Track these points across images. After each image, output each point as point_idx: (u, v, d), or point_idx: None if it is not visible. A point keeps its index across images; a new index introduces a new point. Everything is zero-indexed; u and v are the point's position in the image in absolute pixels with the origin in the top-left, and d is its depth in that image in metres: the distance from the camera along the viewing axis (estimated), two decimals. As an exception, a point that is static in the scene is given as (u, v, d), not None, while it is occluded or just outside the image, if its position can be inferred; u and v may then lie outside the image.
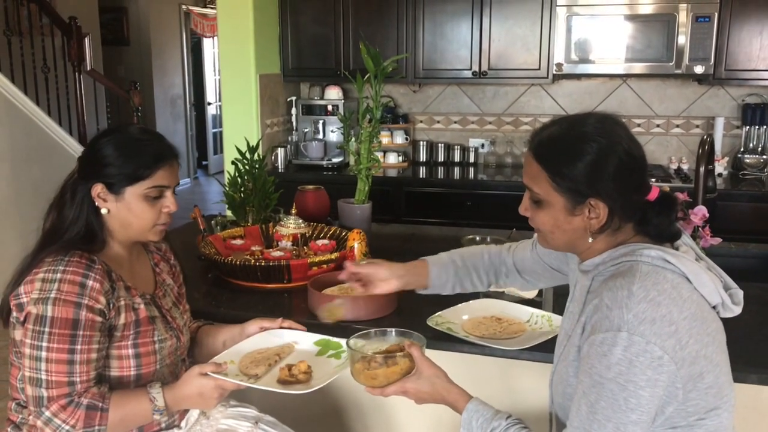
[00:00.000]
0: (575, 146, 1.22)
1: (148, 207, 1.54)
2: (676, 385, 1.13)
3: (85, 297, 1.42)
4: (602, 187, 1.20)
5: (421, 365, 1.39)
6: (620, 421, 1.12)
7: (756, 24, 3.73)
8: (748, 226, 3.61)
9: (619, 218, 1.24)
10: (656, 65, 3.84)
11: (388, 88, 4.64)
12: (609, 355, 1.12)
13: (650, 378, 1.11)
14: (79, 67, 5.29)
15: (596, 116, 1.25)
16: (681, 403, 1.16)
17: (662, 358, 1.11)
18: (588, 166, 1.20)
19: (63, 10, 5.69)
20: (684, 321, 1.13)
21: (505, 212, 3.82)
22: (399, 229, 3.09)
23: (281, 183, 2.97)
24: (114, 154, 1.51)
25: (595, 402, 1.14)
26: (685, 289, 1.17)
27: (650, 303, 1.12)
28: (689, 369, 1.14)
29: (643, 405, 1.12)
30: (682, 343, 1.12)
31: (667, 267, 1.18)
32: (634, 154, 1.22)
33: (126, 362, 1.50)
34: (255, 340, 1.66)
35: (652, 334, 1.10)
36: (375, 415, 2.08)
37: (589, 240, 1.25)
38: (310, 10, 4.30)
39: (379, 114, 2.45)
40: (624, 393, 1.11)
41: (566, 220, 1.25)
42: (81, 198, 1.52)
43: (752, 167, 4.08)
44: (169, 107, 8.81)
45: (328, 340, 1.67)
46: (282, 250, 2.21)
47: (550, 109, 4.43)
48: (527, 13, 3.99)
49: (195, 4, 9.22)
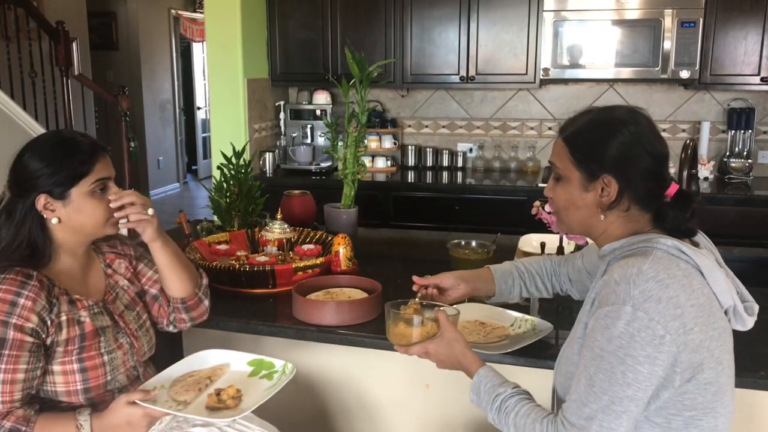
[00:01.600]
0: (599, 127, 1.30)
1: (97, 202, 1.53)
2: (675, 369, 1.14)
3: (14, 316, 1.39)
4: (615, 165, 1.25)
5: (444, 329, 1.46)
6: (616, 395, 1.13)
7: (740, 29, 3.76)
8: (734, 230, 3.62)
9: (632, 202, 1.28)
10: (642, 70, 3.86)
11: (376, 92, 4.65)
12: (611, 327, 1.15)
13: (649, 354, 1.12)
14: (66, 71, 5.27)
15: (626, 106, 1.33)
16: (678, 392, 1.16)
17: (664, 338, 1.12)
18: (609, 146, 1.26)
19: (51, 14, 5.67)
20: (691, 308, 1.14)
21: (494, 216, 3.88)
22: (387, 234, 3.09)
23: (269, 188, 2.97)
24: (48, 162, 1.48)
25: (594, 374, 1.16)
26: (697, 281, 1.19)
27: (658, 283, 1.14)
28: (690, 356, 1.14)
29: (640, 381, 1.13)
30: (686, 327, 1.13)
31: (681, 257, 1.21)
32: (653, 144, 1.27)
33: (72, 377, 1.48)
34: (188, 361, 1.65)
35: (656, 312, 1.12)
36: (361, 417, 2.08)
37: (601, 217, 1.29)
38: (298, 14, 4.31)
39: (365, 119, 2.45)
40: (622, 366, 1.13)
41: (580, 196, 1.30)
42: (22, 216, 1.49)
43: (738, 171, 4.10)
44: (159, 112, 8.79)
45: (261, 360, 1.65)
46: (267, 255, 2.21)
47: (538, 114, 4.45)
48: (514, 18, 4.01)
49: (184, 9, 9.21)
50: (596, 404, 1.15)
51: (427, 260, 2.57)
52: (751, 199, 3.75)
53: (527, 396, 1.33)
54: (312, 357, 2.07)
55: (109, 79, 8.00)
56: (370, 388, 2.05)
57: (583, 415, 1.16)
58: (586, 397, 1.17)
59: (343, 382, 2.06)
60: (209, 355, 1.67)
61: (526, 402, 1.30)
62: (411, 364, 1.97)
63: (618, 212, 1.29)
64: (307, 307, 1.86)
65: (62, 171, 1.49)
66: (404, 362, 1.96)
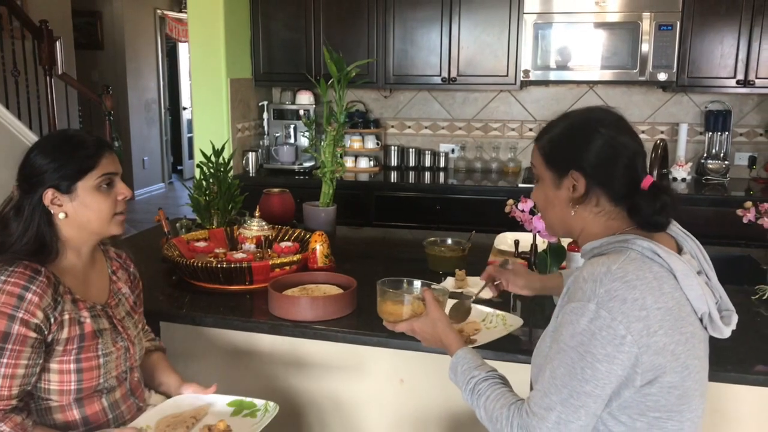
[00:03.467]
0: (570, 127, 1.34)
1: (104, 197, 1.54)
2: (636, 369, 1.16)
3: (21, 310, 1.40)
4: (583, 160, 1.28)
5: (429, 308, 1.53)
6: (574, 390, 1.16)
7: (716, 33, 3.83)
8: (711, 230, 3.66)
9: (604, 197, 1.29)
10: (621, 72, 3.91)
11: (359, 93, 4.68)
12: (575, 324, 1.17)
13: (609, 353, 1.14)
14: (50, 71, 5.26)
15: (590, 107, 1.38)
16: (641, 394, 1.18)
17: (625, 338, 1.14)
18: (575, 141, 1.30)
19: (35, 13, 5.66)
20: (657, 311, 1.16)
21: (475, 216, 3.92)
22: (369, 233, 3.12)
23: (252, 187, 3.00)
24: (54, 157, 1.51)
25: (556, 367, 1.19)
26: (669, 285, 1.19)
27: (625, 283, 1.16)
28: (652, 358, 1.15)
29: (598, 378, 1.15)
30: (650, 330, 1.15)
31: (655, 259, 1.21)
32: (620, 138, 1.29)
33: (67, 377, 1.49)
34: (169, 403, 1.66)
35: (619, 312, 1.14)
36: (334, 413, 2.11)
37: (571, 213, 1.32)
38: (281, 15, 4.34)
39: (343, 118, 2.48)
40: (581, 363, 1.16)
41: (554, 194, 1.34)
42: (30, 211, 1.50)
43: (715, 172, 4.17)
44: (144, 112, 8.78)
45: (241, 401, 1.67)
46: (245, 253, 2.23)
47: (519, 115, 4.50)
48: (495, 21, 4.06)
49: (170, 9, 9.21)
50: (556, 396, 1.18)
51: (404, 258, 2.60)
52: (728, 199, 3.81)
53: (501, 381, 1.35)
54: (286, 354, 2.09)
55: (94, 78, 7.98)
56: (344, 383, 2.07)
57: (543, 405, 1.19)
58: (548, 389, 1.19)
59: (316, 378, 2.09)
60: (188, 399, 1.68)
61: (499, 387, 1.33)
62: (385, 360, 2.00)
63: (590, 208, 1.31)
64: (282, 302, 1.88)
65: (68, 165, 1.50)
66: (378, 357, 2.00)
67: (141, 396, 1.69)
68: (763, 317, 1.94)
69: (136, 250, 2.03)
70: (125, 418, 1.62)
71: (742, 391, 1.74)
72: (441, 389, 2.00)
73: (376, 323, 1.83)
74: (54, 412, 1.51)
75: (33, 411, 1.50)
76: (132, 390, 1.65)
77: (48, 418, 1.51)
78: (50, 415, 1.51)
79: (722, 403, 1.80)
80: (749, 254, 2.58)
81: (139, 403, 1.67)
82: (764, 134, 4.23)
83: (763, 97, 4.15)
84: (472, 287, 2.04)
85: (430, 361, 1.95)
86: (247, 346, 2.12)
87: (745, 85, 3.86)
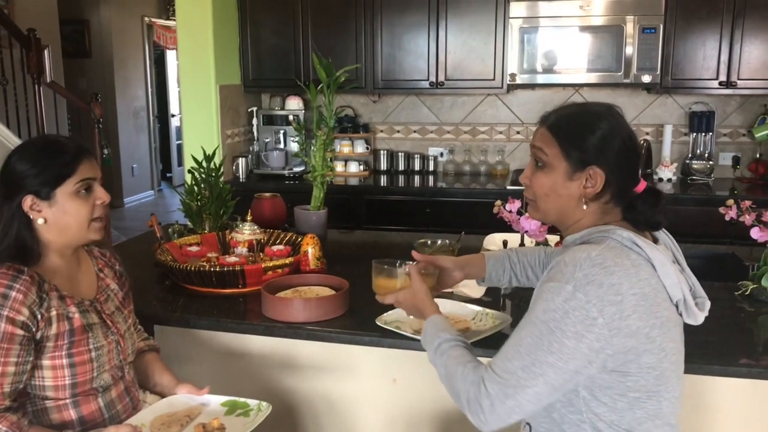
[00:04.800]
0: (589, 121, 1.34)
1: (82, 203, 1.56)
2: (606, 351, 1.20)
3: (6, 308, 1.42)
4: (605, 158, 1.30)
5: (413, 280, 1.63)
6: (537, 359, 1.21)
7: (699, 36, 3.89)
8: (696, 229, 3.73)
9: (612, 195, 1.33)
10: (606, 74, 3.97)
11: (348, 98, 4.72)
12: (550, 301, 1.22)
13: (578, 332, 1.19)
14: (38, 79, 5.26)
15: (606, 104, 1.39)
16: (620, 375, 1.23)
17: (596, 320, 1.18)
18: (598, 138, 1.31)
19: (22, 22, 5.65)
20: (632, 296, 1.20)
21: (464, 218, 3.96)
22: (359, 236, 3.15)
23: (242, 192, 3.01)
24: (33, 163, 1.52)
25: (524, 337, 1.24)
26: (646, 272, 1.24)
27: (604, 269, 1.20)
28: (625, 340, 1.20)
29: (563, 353, 1.20)
30: (623, 314, 1.19)
31: (633, 248, 1.27)
32: (634, 140, 1.35)
33: (60, 372, 1.51)
34: (164, 403, 1.68)
35: (595, 296, 1.19)
36: (327, 415, 2.13)
37: (583, 207, 1.34)
38: (269, 21, 4.37)
39: (332, 122, 2.51)
40: (550, 336, 1.21)
41: (564, 185, 1.34)
42: (10, 216, 1.52)
43: (699, 173, 4.23)
44: (132, 119, 8.77)
45: (235, 401, 1.69)
46: (237, 256, 2.26)
47: (506, 118, 4.55)
48: (482, 25, 4.11)
49: (158, 16, 9.21)
50: (519, 362, 1.23)
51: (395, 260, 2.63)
52: (712, 199, 3.87)
53: (465, 345, 1.41)
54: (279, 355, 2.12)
55: (82, 86, 7.97)
56: (337, 383, 2.10)
57: (504, 368, 1.25)
58: (512, 355, 1.25)
59: (310, 379, 2.11)
60: (182, 399, 1.70)
61: (461, 348, 1.39)
62: (378, 360, 2.03)
63: (599, 204, 1.34)
64: (275, 304, 1.91)
65: (47, 171, 1.52)
66: (371, 357, 2.02)
67: (136, 396, 1.71)
68: (747, 312, 1.98)
69: (129, 255, 2.06)
70: (121, 418, 1.63)
71: (728, 383, 1.79)
72: (433, 389, 2.02)
73: (369, 323, 1.87)
74: (50, 412, 1.53)
75: (29, 412, 1.51)
76: (127, 389, 1.68)
77: (44, 418, 1.53)
78: (47, 415, 1.53)
79: (708, 395, 1.84)
80: (733, 251, 2.63)
81: (135, 403, 1.70)
82: (747, 134, 4.30)
83: (746, 98, 4.22)
84: (463, 288, 2.07)
85: (423, 361, 1.96)
86: (240, 348, 2.14)
87: (727, 86, 3.93)
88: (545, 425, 1.35)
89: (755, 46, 3.85)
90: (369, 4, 4.21)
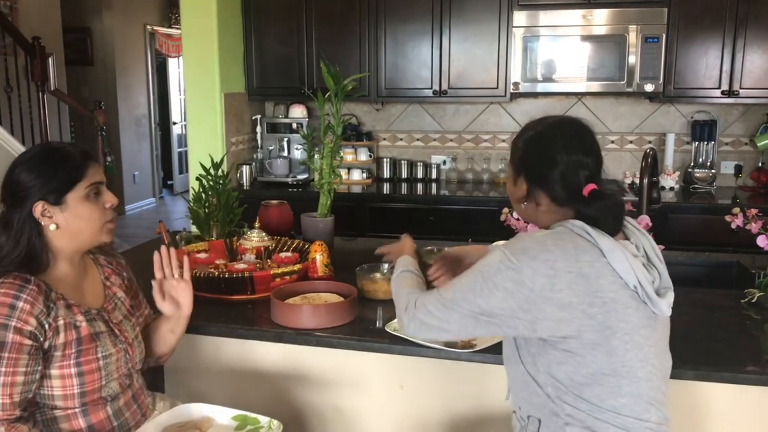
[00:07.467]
0: (528, 134, 1.52)
1: (93, 206, 1.57)
2: (534, 313, 1.32)
3: (14, 318, 1.42)
4: (526, 167, 1.49)
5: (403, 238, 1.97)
6: (466, 297, 1.38)
7: (701, 45, 3.92)
8: (698, 238, 3.75)
9: (547, 198, 1.46)
10: (609, 83, 3.99)
11: (351, 106, 4.74)
12: (490, 258, 1.38)
13: (508, 288, 1.33)
14: (42, 86, 5.29)
15: (564, 117, 1.55)
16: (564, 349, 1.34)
17: (524, 283, 1.32)
18: (525, 152, 1.50)
19: (26, 30, 5.69)
20: (567, 274, 1.31)
21: (467, 226, 3.97)
22: (363, 244, 3.16)
23: (247, 200, 3.03)
24: (42, 170, 1.53)
25: (458, 280, 1.43)
26: (589, 255, 1.34)
27: (541, 246, 1.34)
28: (555, 311, 1.31)
29: (490, 300, 1.35)
30: (555, 287, 1.31)
31: (582, 235, 1.37)
32: (567, 152, 1.44)
33: (69, 381, 1.51)
34: (173, 413, 1.68)
35: (527, 266, 1.32)
36: (335, 422, 2.14)
37: (522, 206, 1.52)
38: (273, 30, 4.39)
39: (340, 130, 2.53)
40: (483, 283, 1.36)
41: (513, 189, 1.54)
42: (20, 224, 1.52)
43: (702, 181, 4.25)
44: (134, 127, 8.79)
45: (246, 416, 1.69)
46: (246, 263, 2.27)
47: (509, 127, 4.57)
48: (485, 34, 4.13)
49: (160, 25, 9.25)
50: (452, 294, 1.41)
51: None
52: (714, 207, 3.88)
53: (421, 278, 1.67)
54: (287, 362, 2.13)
55: (84, 94, 7.99)
56: (345, 390, 2.10)
57: (433, 297, 1.45)
58: (444, 291, 1.44)
59: (318, 385, 2.12)
60: (194, 408, 1.71)
61: (413, 278, 1.65)
62: (385, 366, 2.04)
63: (533, 205, 1.49)
64: (285, 310, 1.92)
65: (57, 177, 1.53)
66: (379, 364, 2.03)
67: (144, 403, 1.72)
68: (753, 320, 1.99)
69: (137, 262, 2.07)
70: (129, 425, 1.64)
71: (734, 390, 1.79)
72: (441, 395, 2.03)
73: (377, 330, 1.88)
74: (60, 421, 1.54)
75: (39, 422, 1.52)
76: (135, 397, 1.68)
77: (54, 428, 1.53)
78: (56, 425, 1.54)
79: (715, 403, 1.85)
80: (737, 260, 2.64)
81: (143, 410, 1.70)
82: (749, 143, 4.32)
83: (748, 106, 4.24)
84: None
85: (430, 368, 1.99)
86: (248, 355, 2.15)
87: (729, 95, 3.95)
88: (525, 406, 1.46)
89: (758, 55, 3.88)
90: (373, 12, 4.24)
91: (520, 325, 1.34)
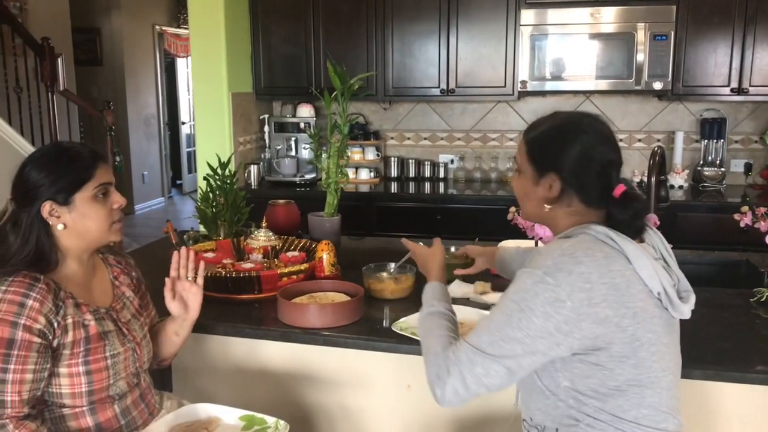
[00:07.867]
0: (551, 129, 1.44)
1: (101, 207, 1.58)
2: (574, 335, 1.25)
3: (23, 317, 1.43)
4: (561, 166, 1.39)
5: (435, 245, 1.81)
6: (506, 334, 1.28)
7: (710, 43, 3.89)
8: (707, 236, 3.73)
9: (577, 200, 1.39)
10: (617, 82, 3.98)
11: (359, 105, 4.74)
12: (521, 283, 1.30)
13: (547, 312, 1.25)
14: (52, 87, 5.31)
15: (578, 112, 1.47)
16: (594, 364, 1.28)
17: (565, 303, 1.24)
18: (556, 148, 1.40)
19: (36, 30, 5.72)
20: (602, 285, 1.25)
21: (475, 225, 3.97)
22: (371, 243, 3.16)
23: (254, 199, 3.03)
24: (51, 169, 1.54)
25: (494, 313, 1.32)
26: (619, 263, 1.29)
27: (572, 259, 1.27)
28: (593, 327, 1.25)
29: (531, 330, 1.26)
30: (593, 301, 1.24)
31: (607, 242, 1.32)
32: (601, 151, 1.38)
33: (77, 379, 1.52)
34: (180, 413, 1.69)
35: (564, 282, 1.25)
36: (342, 421, 2.14)
37: (546, 209, 1.43)
38: (281, 30, 4.40)
39: (347, 129, 2.53)
40: (520, 314, 1.27)
41: (532, 189, 1.44)
42: (28, 223, 1.53)
43: (711, 179, 4.22)
44: (143, 127, 8.82)
45: (252, 416, 1.70)
46: (253, 263, 2.27)
47: (517, 125, 4.55)
48: (492, 32, 4.12)
49: (168, 25, 9.28)
50: (488, 337, 1.30)
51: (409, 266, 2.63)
52: (724, 205, 3.86)
53: (451, 320, 1.49)
54: (294, 362, 2.13)
55: (93, 94, 8.03)
56: (352, 390, 2.10)
57: (474, 342, 1.31)
58: (483, 331, 1.31)
59: (324, 385, 2.12)
60: (201, 408, 1.71)
61: (445, 322, 1.47)
62: (392, 366, 2.04)
63: (562, 207, 1.41)
64: (291, 309, 1.92)
65: (65, 177, 1.54)
66: (386, 363, 2.03)
67: (151, 401, 1.72)
68: (762, 319, 1.98)
69: (145, 262, 2.08)
70: (137, 424, 1.65)
71: (745, 390, 1.78)
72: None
73: (384, 329, 1.88)
74: (68, 419, 1.55)
75: (47, 419, 1.52)
76: (143, 395, 1.69)
77: (62, 426, 1.54)
78: (64, 423, 1.54)
79: (724, 402, 1.84)
80: (746, 258, 2.63)
81: (151, 409, 1.71)
82: (759, 141, 4.29)
83: (757, 104, 4.22)
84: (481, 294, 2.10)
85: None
86: (255, 354, 2.16)
87: (739, 93, 3.92)
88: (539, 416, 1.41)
89: (767, 52, 3.85)
90: (380, 12, 4.23)
91: (560, 351, 1.27)
